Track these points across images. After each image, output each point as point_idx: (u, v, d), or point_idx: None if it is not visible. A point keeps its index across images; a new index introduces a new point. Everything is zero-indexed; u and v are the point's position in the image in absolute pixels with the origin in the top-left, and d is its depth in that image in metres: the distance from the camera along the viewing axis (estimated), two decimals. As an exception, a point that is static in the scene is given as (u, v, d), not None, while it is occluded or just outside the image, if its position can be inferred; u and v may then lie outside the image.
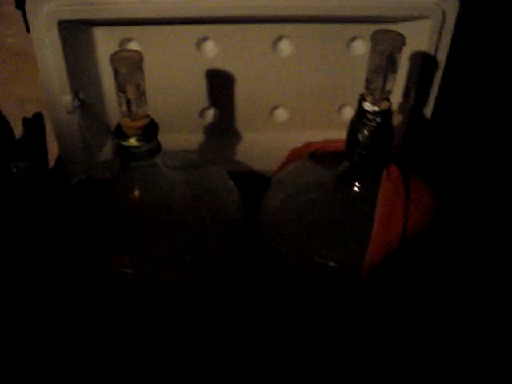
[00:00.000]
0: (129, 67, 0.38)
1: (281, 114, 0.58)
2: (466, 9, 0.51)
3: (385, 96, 0.41)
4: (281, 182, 0.50)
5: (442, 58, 0.52)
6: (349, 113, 0.58)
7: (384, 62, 0.39)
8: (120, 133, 0.41)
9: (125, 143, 0.41)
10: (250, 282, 0.50)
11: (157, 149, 0.43)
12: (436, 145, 0.59)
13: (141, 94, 0.39)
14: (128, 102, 0.39)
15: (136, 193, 0.44)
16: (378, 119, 0.41)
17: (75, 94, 0.51)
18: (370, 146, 0.42)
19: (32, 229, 0.51)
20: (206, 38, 0.52)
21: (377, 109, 0.41)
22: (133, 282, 0.43)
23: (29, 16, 0.47)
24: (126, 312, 0.46)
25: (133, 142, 0.41)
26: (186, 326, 0.47)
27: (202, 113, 0.57)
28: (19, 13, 0.48)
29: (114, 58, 0.38)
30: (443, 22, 0.49)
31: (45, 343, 0.47)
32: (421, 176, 0.49)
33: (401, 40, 0.39)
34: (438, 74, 0.53)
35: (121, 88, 0.39)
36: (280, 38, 0.52)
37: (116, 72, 0.38)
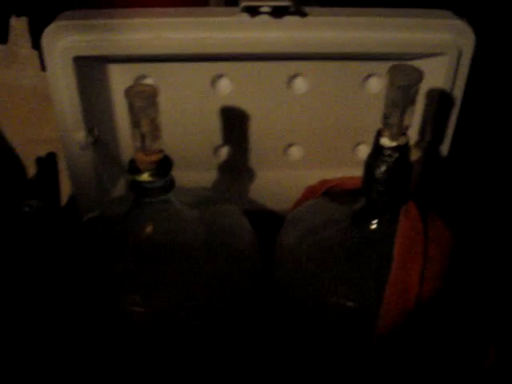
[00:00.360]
0: (144, 101, 0.37)
1: (295, 152, 0.58)
2: (481, 49, 0.50)
3: (402, 131, 0.40)
4: (296, 220, 0.49)
5: (458, 94, 0.51)
6: (364, 151, 0.58)
7: (401, 97, 0.38)
8: (133, 168, 0.40)
9: (138, 178, 0.40)
10: (264, 323, 0.48)
11: (170, 184, 0.42)
12: (453, 181, 0.59)
13: (155, 128, 0.39)
14: (142, 137, 0.39)
15: (149, 229, 0.43)
16: (396, 155, 0.40)
17: (89, 131, 0.51)
18: (388, 182, 0.41)
19: (43, 268, 0.50)
20: (220, 76, 0.52)
21: (394, 144, 0.40)
22: (144, 321, 0.42)
23: (44, 51, 0.47)
24: (137, 353, 0.45)
25: (146, 177, 0.40)
26: (198, 367, 0.46)
27: (215, 150, 0.57)
28: (35, 54, 0.49)
29: (129, 92, 0.38)
30: (459, 58, 0.49)
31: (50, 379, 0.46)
32: (438, 213, 0.47)
33: (418, 74, 0.38)
34: (455, 111, 0.52)
35: (135, 122, 0.38)
36: (295, 76, 0.52)
37: (131, 106, 0.38)
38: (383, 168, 0.41)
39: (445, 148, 0.54)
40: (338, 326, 0.45)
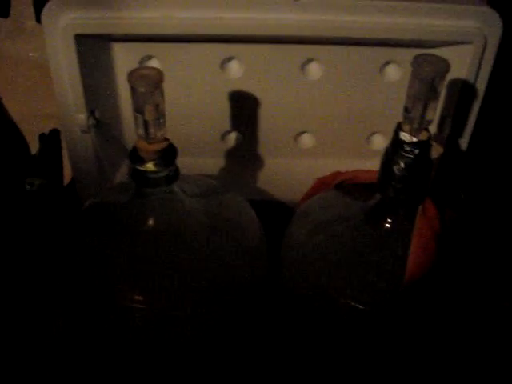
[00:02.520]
0: (148, 86, 0.35)
1: (307, 140, 0.55)
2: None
3: (424, 126, 0.38)
4: (306, 214, 0.47)
5: (481, 86, 0.49)
6: (378, 141, 0.55)
7: (425, 89, 0.36)
8: (136, 156, 0.38)
9: (140, 168, 0.38)
10: (270, 319, 0.47)
11: (175, 175, 0.40)
12: (470, 177, 0.56)
13: (160, 115, 0.36)
14: (145, 124, 0.36)
15: (151, 221, 0.41)
16: (416, 151, 0.38)
17: (91, 113, 0.49)
18: (406, 179, 0.39)
19: (42, 249, 0.49)
20: (230, 58, 0.50)
21: (415, 139, 0.38)
22: (145, 318, 0.40)
23: (45, 29, 0.45)
24: (138, 349, 0.43)
25: (149, 166, 0.38)
26: (201, 364, 0.44)
27: (223, 136, 0.55)
28: (41, 27, 0.46)
29: (132, 76, 0.35)
30: (484, 48, 0.46)
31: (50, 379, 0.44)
32: (453, 209, 0.45)
33: (444, 66, 0.35)
34: (477, 104, 0.50)
35: (138, 108, 0.36)
36: (309, 61, 0.50)
37: (134, 91, 0.35)
38: (402, 165, 0.38)
39: (464, 142, 0.52)
40: (346, 326, 0.43)
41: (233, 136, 0.55)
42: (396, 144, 0.38)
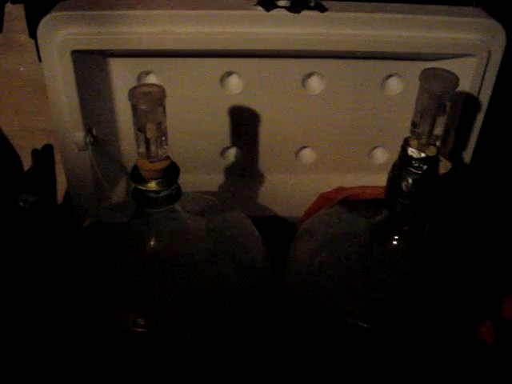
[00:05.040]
0: (149, 104, 0.34)
1: (308, 155, 0.55)
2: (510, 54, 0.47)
3: (432, 141, 0.37)
4: (309, 231, 0.46)
5: (484, 98, 0.48)
6: (380, 155, 0.54)
7: (434, 104, 0.35)
8: (137, 175, 0.37)
9: (142, 187, 0.37)
10: (274, 339, 0.45)
11: (177, 194, 0.39)
12: (474, 189, 0.55)
13: (162, 133, 0.36)
14: (147, 142, 0.35)
15: (152, 241, 0.40)
16: (425, 167, 0.37)
17: (88, 130, 0.48)
18: (414, 196, 0.38)
19: (36, 269, 0.47)
20: (230, 73, 0.49)
21: (423, 155, 0.37)
22: (146, 341, 0.39)
23: (40, 45, 0.44)
24: (138, 371, 0.42)
25: (151, 186, 0.37)
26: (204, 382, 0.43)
27: (223, 152, 0.54)
28: (32, 41, 0.45)
29: (134, 94, 0.34)
30: (488, 60, 0.46)
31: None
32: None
33: (454, 81, 0.35)
34: (480, 116, 0.49)
35: (140, 127, 0.35)
36: (310, 75, 0.49)
37: (135, 109, 0.34)
38: (410, 181, 0.38)
39: (467, 155, 0.51)
40: (352, 346, 0.42)
41: (232, 152, 0.54)
42: (404, 160, 0.38)
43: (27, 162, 0.55)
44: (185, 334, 0.39)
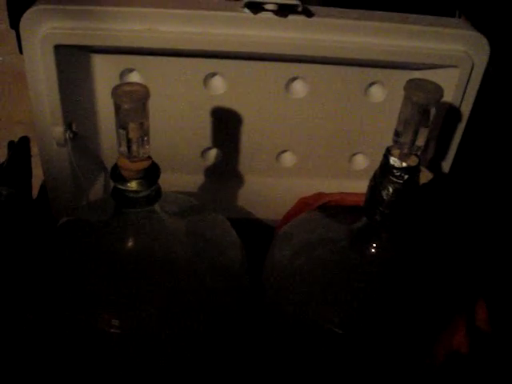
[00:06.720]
0: (133, 103, 0.34)
1: (288, 158, 0.54)
2: (492, 65, 0.47)
3: (414, 152, 0.37)
4: (288, 236, 0.46)
5: (466, 109, 0.49)
6: (361, 162, 0.54)
7: (417, 115, 0.35)
8: (117, 175, 0.37)
9: (121, 187, 0.37)
10: (251, 341, 0.45)
11: (157, 194, 0.38)
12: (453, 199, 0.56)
13: (144, 133, 0.35)
14: (129, 142, 0.35)
15: (130, 241, 0.40)
16: (406, 176, 0.37)
17: (68, 126, 0.47)
18: (394, 204, 0.38)
19: (8, 263, 0.46)
20: (214, 74, 0.48)
21: (405, 165, 0.37)
22: (122, 344, 0.39)
23: (23, 38, 0.43)
24: (115, 375, 0.41)
25: (131, 186, 0.37)
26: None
27: (203, 153, 0.53)
28: (13, 31, 0.45)
29: (117, 92, 0.34)
30: (471, 72, 0.46)
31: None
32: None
33: (439, 92, 0.35)
34: (461, 127, 0.50)
35: (122, 125, 0.34)
36: (294, 79, 0.49)
37: (118, 108, 0.34)
38: (391, 190, 0.38)
39: (447, 165, 0.51)
40: (327, 351, 0.42)
41: (213, 153, 0.53)
42: (385, 169, 0.38)
43: (3, 154, 0.54)
44: (160, 335, 0.39)
